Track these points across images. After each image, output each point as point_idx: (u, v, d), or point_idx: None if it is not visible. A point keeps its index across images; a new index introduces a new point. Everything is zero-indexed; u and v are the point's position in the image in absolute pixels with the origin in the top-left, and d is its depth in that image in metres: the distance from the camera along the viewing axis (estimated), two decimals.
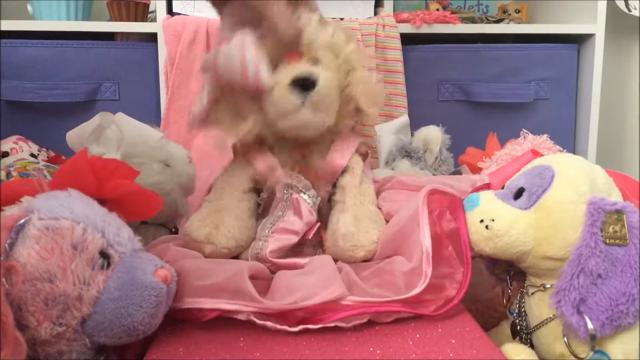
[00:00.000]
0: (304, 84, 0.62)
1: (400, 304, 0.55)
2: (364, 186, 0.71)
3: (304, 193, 0.68)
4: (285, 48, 0.65)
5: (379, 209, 0.72)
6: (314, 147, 0.71)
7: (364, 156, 0.74)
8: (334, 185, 0.71)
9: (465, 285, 0.57)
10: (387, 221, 0.69)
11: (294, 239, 0.67)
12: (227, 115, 0.67)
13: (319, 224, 0.69)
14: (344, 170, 0.71)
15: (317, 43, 0.66)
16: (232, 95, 0.66)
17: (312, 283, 0.57)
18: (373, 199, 0.72)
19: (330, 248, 0.68)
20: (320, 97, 0.63)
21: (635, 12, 1.38)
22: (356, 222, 0.67)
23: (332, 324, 0.54)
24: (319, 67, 0.65)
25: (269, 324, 0.53)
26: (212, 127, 0.69)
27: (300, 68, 0.64)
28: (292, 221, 0.67)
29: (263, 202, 0.71)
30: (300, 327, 0.54)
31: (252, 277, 0.58)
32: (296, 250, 0.69)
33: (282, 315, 0.54)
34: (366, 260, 0.67)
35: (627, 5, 1.37)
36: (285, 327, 0.53)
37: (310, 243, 0.70)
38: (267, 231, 0.67)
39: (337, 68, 0.68)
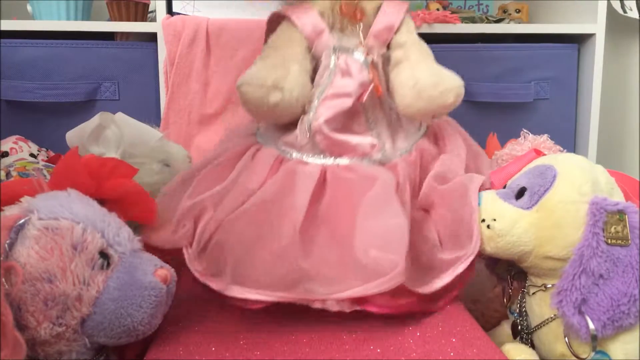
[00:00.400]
0: None
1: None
2: (423, 45, 0.68)
3: (353, 52, 0.64)
4: None
5: None
6: None
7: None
8: (389, 47, 0.67)
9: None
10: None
11: (348, 102, 0.62)
12: None
13: (373, 84, 0.63)
14: (398, 29, 0.67)
15: None
16: None
17: (369, 251, 0.53)
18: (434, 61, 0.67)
19: (411, 106, 0.63)
20: None
21: (631, 14, 1.38)
22: (434, 71, 0.63)
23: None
24: None
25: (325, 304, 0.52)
26: None
27: None
28: (342, 84, 0.62)
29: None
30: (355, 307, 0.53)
31: (302, 230, 0.55)
32: (350, 125, 0.64)
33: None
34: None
35: (622, 6, 1.36)
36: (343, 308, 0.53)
37: (365, 118, 0.65)
38: (316, 101, 0.62)
39: None
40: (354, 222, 0.56)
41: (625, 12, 1.35)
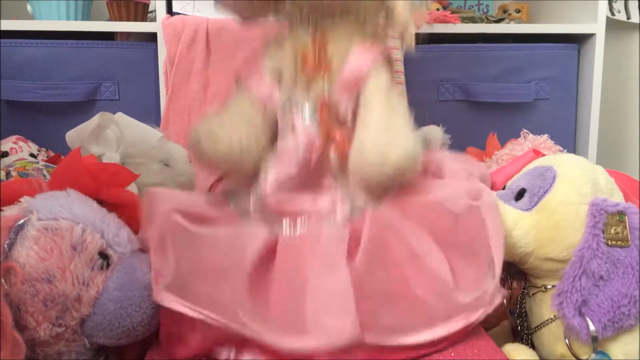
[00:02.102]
0: None
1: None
2: (393, 92, 0.58)
3: (302, 105, 0.58)
4: None
5: None
6: (332, 33, 0.59)
7: (388, 62, 0.61)
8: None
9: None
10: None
11: (293, 164, 0.56)
12: None
13: (318, 144, 0.57)
14: (365, 81, 0.58)
15: None
16: None
17: (316, 313, 0.48)
18: (405, 110, 0.58)
19: (356, 173, 0.55)
20: None
21: (619, 16, 1.38)
22: (385, 131, 0.54)
23: None
24: None
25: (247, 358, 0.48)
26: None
27: None
28: (287, 148, 0.57)
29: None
30: None
31: (256, 270, 0.50)
32: (314, 183, 0.58)
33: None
34: (402, 180, 0.54)
35: (611, 9, 1.37)
36: None
37: (330, 173, 0.58)
38: (268, 163, 0.58)
39: None
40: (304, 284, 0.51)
41: (613, 14, 1.36)
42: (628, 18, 1.39)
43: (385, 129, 0.55)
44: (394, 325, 0.50)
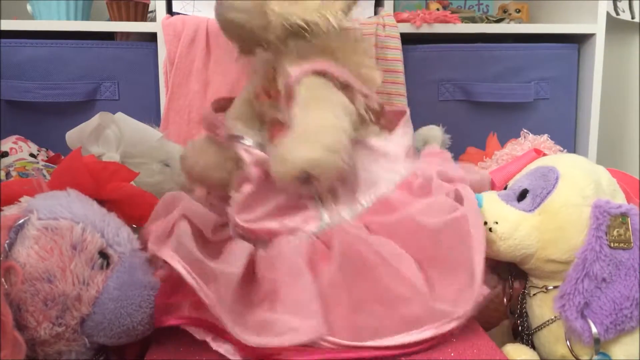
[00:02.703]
0: None
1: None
2: (319, 101, 0.59)
3: (243, 139, 0.63)
4: None
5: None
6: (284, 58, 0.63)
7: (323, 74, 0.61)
8: None
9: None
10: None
11: (248, 187, 0.59)
12: None
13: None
14: (296, 89, 0.60)
15: None
16: None
17: (287, 317, 0.51)
18: (333, 115, 0.58)
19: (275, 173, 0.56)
20: None
21: (624, 15, 1.38)
22: (294, 139, 0.56)
23: None
24: None
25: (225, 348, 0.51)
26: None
27: None
28: (243, 172, 0.61)
29: None
30: None
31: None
32: (291, 205, 0.60)
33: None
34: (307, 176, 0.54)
35: (615, 8, 1.37)
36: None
37: (306, 195, 0.60)
38: (233, 187, 0.62)
39: None
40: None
41: (617, 14, 1.36)
42: (632, 17, 1.39)
43: (297, 137, 0.56)
44: (368, 327, 0.52)
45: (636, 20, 1.39)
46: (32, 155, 0.93)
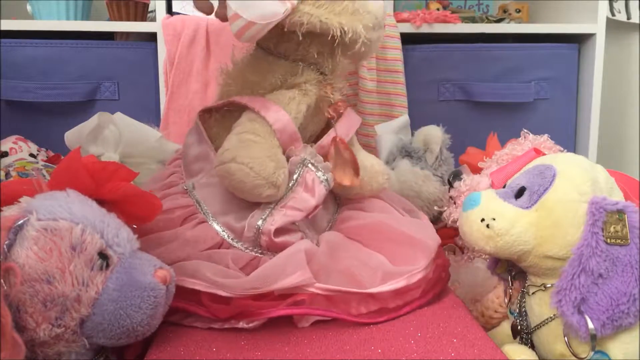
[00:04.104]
0: None
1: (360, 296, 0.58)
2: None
3: (319, 170, 0.62)
4: None
5: None
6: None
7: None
8: None
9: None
10: None
11: (300, 216, 0.61)
12: None
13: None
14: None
15: None
16: None
17: (278, 268, 0.57)
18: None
19: (364, 187, 0.69)
20: None
21: (619, 16, 1.38)
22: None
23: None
24: None
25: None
26: None
27: None
28: (304, 199, 0.61)
29: None
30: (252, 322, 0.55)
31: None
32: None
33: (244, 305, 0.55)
34: None
35: (611, 9, 1.37)
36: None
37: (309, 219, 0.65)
38: (273, 204, 0.61)
39: None
40: None
41: (613, 14, 1.36)
42: (628, 18, 1.39)
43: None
44: (353, 282, 0.59)
45: (632, 20, 1.40)
46: (31, 155, 0.93)
